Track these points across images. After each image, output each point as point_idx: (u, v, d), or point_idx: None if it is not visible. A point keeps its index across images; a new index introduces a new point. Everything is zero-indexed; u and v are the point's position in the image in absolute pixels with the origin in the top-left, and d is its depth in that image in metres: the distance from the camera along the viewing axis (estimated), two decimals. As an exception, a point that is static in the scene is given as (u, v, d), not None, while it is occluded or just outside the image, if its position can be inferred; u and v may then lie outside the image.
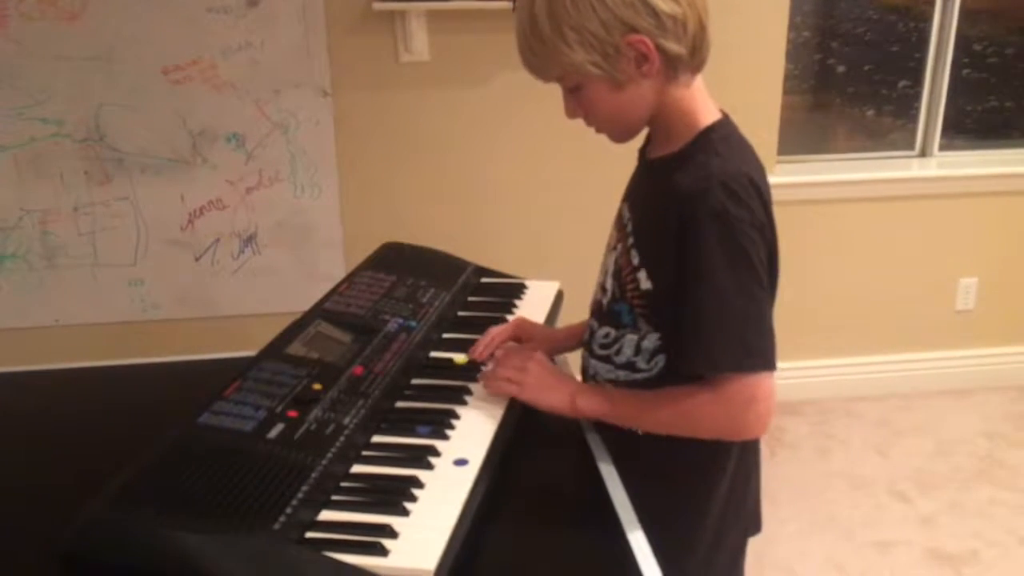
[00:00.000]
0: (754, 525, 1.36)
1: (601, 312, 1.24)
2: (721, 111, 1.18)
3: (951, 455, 2.90)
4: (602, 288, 1.24)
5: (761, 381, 1.07)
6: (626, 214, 1.22)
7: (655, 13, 1.04)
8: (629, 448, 1.20)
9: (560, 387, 1.20)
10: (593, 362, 1.25)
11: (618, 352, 1.20)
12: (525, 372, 1.21)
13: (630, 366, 1.19)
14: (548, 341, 1.40)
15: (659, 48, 1.06)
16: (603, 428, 1.24)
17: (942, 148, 3.22)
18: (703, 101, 1.15)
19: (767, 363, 1.07)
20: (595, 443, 1.23)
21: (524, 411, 1.23)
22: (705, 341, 1.06)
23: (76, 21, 2.48)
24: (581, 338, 1.32)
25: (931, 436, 3.01)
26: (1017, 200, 3.16)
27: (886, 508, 2.63)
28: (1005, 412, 3.17)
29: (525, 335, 1.40)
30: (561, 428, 1.26)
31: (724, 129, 1.14)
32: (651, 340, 1.16)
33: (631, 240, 1.18)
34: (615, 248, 1.22)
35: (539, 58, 1.12)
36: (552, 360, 1.31)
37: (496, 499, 1.06)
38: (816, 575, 2.36)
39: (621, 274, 1.19)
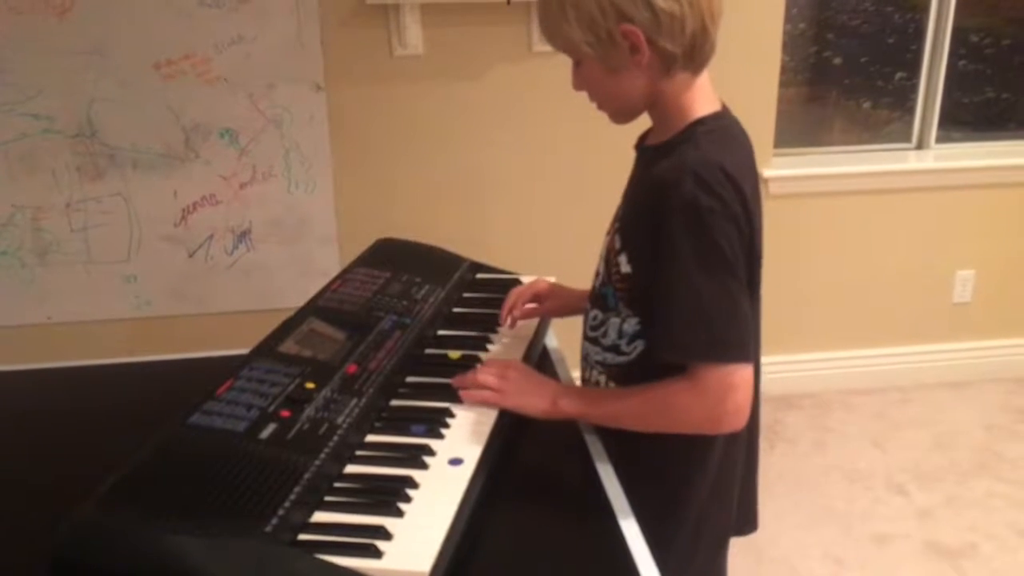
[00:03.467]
0: (748, 524, 1.37)
1: (594, 295, 1.26)
2: (722, 104, 1.18)
3: (949, 448, 2.89)
4: (596, 272, 1.27)
5: (736, 371, 1.07)
6: (621, 200, 1.25)
7: (652, 8, 1.05)
8: (612, 441, 1.21)
9: (541, 390, 1.20)
10: (585, 344, 1.28)
11: (604, 334, 1.22)
12: (505, 380, 1.20)
13: (615, 348, 1.21)
14: (563, 300, 1.46)
15: (651, 43, 1.07)
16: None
17: (939, 140, 3.21)
18: (702, 95, 1.15)
19: (741, 354, 1.07)
20: (591, 440, 1.22)
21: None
22: (674, 329, 1.08)
23: (66, 15, 2.45)
24: None
25: (929, 429, 3.01)
26: (1014, 192, 3.15)
27: (884, 501, 2.63)
28: (1003, 404, 3.16)
29: (543, 294, 1.46)
30: (556, 425, 1.25)
31: (715, 123, 1.14)
32: (631, 324, 1.18)
33: (617, 224, 1.22)
34: (608, 233, 1.25)
35: (546, 28, 1.14)
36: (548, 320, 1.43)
37: (492, 498, 1.05)
38: (814, 568, 2.35)
39: (609, 257, 1.21)
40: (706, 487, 1.23)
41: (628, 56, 1.08)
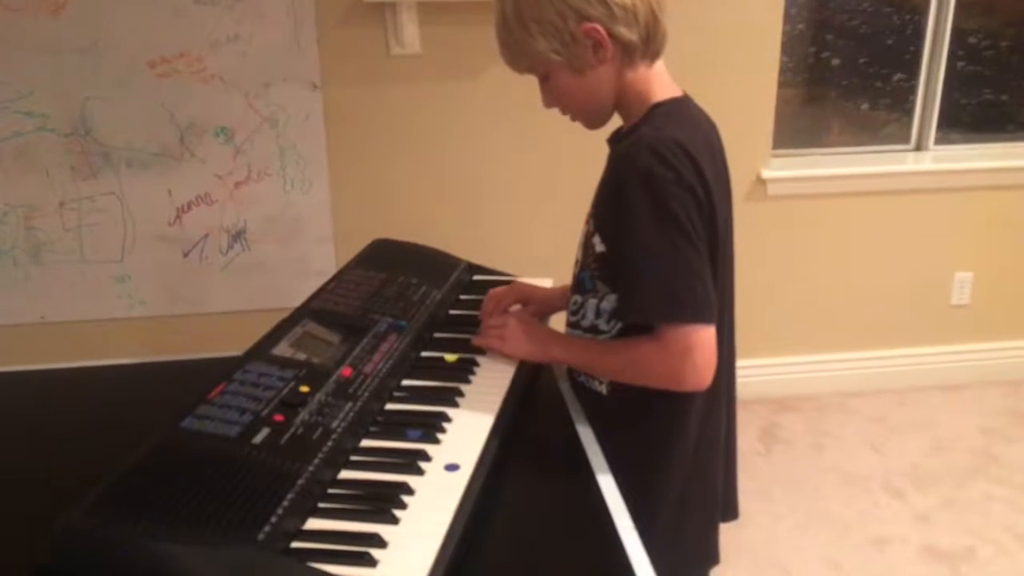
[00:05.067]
0: (730, 511, 1.43)
1: (573, 283, 1.33)
2: (683, 92, 1.25)
3: (947, 451, 2.88)
4: (576, 261, 1.32)
5: (695, 332, 1.14)
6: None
7: (605, 2, 1.14)
8: (596, 409, 1.28)
9: (535, 337, 1.33)
10: (567, 330, 1.35)
11: (583, 317, 1.28)
12: (506, 328, 1.33)
13: (594, 329, 1.27)
14: (544, 300, 1.51)
15: (612, 35, 1.16)
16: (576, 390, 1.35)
17: (937, 142, 3.21)
18: (660, 83, 1.23)
19: (697, 314, 1.13)
20: (585, 432, 1.24)
21: (517, 414, 1.21)
22: (635, 292, 1.16)
23: (60, 13, 2.44)
24: None
25: (926, 432, 3.00)
26: (1013, 194, 3.14)
27: (882, 505, 2.62)
28: (1001, 407, 3.16)
29: (524, 297, 1.50)
30: (551, 427, 1.26)
31: (673, 106, 1.22)
32: (609, 301, 1.24)
33: (592, 209, 1.28)
34: (586, 221, 1.30)
35: (510, 50, 1.22)
36: (545, 318, 1.50)
37: (488, 504, 1.03)
38: (811, 572, 2.34)
39: (586, 242, 1.28)
40: (688, 457, 1.27)
41: (592, 54, 1.17)
